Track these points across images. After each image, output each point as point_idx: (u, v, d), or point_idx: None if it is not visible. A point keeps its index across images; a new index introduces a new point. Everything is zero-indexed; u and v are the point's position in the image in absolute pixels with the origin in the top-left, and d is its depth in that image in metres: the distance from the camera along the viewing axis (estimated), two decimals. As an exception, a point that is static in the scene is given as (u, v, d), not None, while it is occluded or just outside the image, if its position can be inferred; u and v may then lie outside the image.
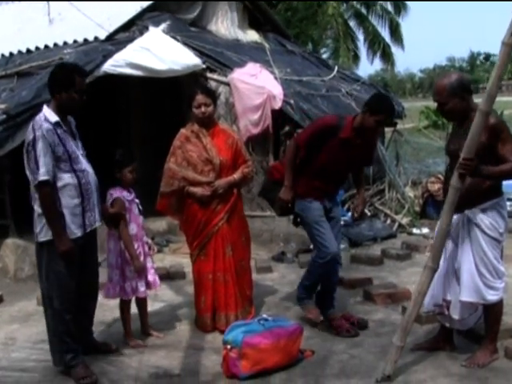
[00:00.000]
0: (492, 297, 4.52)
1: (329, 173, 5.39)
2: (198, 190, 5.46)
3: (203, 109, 5.46)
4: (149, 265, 5.38)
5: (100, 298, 5.23)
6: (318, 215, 5.42)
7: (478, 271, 4.47)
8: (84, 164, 4.66)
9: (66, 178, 4.52)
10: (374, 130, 5.26)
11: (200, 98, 5.47)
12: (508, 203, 4.79)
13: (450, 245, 4.65)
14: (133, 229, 5.23)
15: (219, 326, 5.46)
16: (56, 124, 4.51)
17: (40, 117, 4.52)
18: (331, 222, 5.53)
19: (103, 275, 5.29)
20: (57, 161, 4.47)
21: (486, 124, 4.21)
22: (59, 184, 4.49)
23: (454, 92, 4.43)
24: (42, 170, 4.39)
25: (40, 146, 4.39)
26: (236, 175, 5.57)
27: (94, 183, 4.71)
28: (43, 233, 4.54)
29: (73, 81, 4.55)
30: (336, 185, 5.66)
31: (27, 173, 4.52)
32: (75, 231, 4.58)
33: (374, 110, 5.13)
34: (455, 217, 4.53)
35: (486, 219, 4.45)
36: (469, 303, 4.56)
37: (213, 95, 5.67)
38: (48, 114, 4.52)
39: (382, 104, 5.23)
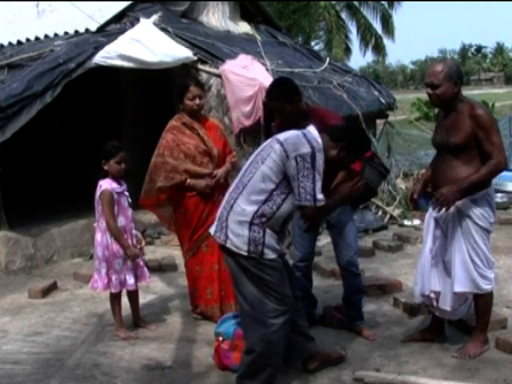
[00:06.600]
0: (486, 286, 4.54)
1: None
2: (201, 182, 5.40)
3: (198, 101, 5.46)
4: (136, 258, 5.36)
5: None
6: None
7: (471, 261, 4.48)
8: None
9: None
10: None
11: (194, 89, 5.45)
12: (498, 195, 4.79)
13: (440, 236, 4.67)
14: (121, 221, 5.20)
15: None
16: None
17: (312, 134, 3.99)
18: (332, 230, 5.09)
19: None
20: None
21: (471, 113, 4.30)
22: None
23: (450, 76, 4.41)
24: (320, 193, 3.87)
25: (319, 163, 3.87)
26: (228, 164, 5.60)
27: None
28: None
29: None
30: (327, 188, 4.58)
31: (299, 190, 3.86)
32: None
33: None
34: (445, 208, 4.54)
35: (476, 210, 4.46)
36: (461, 294, 4.58)
37: (203, 87, 5.70)
38: (316, 136, 3.97)
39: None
